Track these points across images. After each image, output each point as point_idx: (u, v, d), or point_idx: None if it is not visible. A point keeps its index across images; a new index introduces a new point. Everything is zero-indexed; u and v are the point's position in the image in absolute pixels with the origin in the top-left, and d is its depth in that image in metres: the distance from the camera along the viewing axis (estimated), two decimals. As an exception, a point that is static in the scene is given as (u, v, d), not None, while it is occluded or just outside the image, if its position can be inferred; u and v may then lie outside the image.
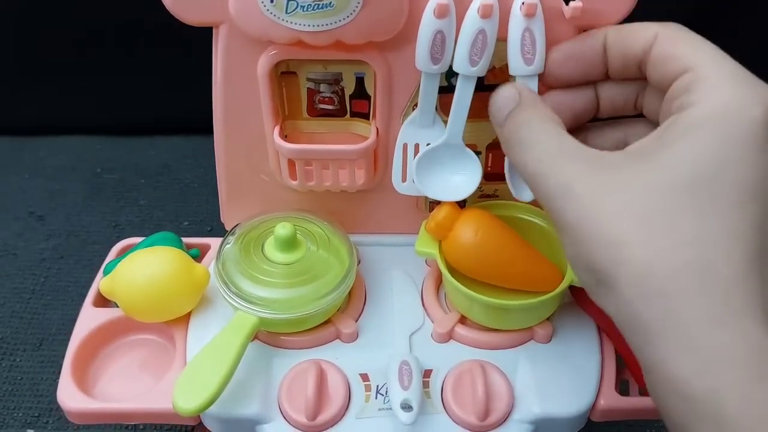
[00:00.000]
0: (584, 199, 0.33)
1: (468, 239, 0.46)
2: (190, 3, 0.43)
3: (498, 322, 0.47)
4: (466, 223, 0.46)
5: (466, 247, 0.46)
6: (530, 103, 0.39)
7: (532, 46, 0.42)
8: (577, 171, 0.34)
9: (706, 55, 0.34)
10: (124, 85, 0.85)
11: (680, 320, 0.29)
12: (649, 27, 0.38)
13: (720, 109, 0.32)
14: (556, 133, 0.36)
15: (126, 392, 0.46)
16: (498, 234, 0.46)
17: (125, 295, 0.45)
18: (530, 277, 0.46)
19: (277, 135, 0.48)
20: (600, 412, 0.45)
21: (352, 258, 0.48)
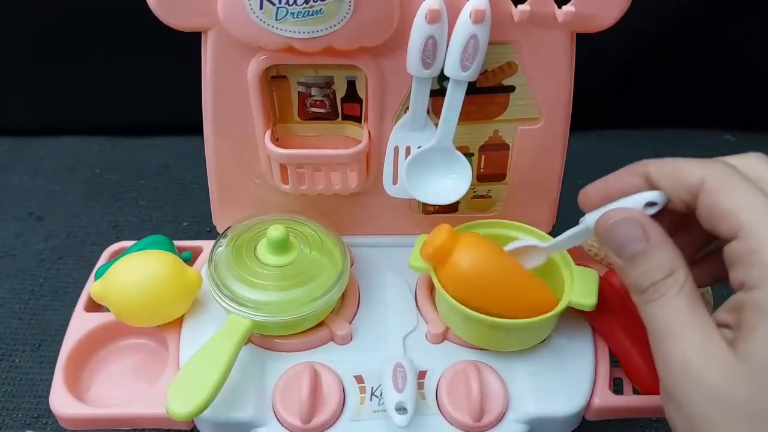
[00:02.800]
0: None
1: (466, 268, 0.45)
2: (178, 8, 0.43)
3: (491, 342, 0.47)
4: (464, 252, 0.45)
5: (464, 277, 0.45)
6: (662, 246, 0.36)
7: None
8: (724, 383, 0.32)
9: (757, 213, 0.33)
10: (123, 86, 0.85)
11: None
12: (694, 168, 0.36)
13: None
14: (702, 327, 0.34)
15: (119, 397, 0.46)
16: (496, 263, 0.45)
17: (117, 300, 0.45)
18: (526, 305, 0.45)
19: (268, 139, 0.48)
20: (594, 411, 0.45)
21: (345, 260, 0.48)
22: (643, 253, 0.36)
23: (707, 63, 0.85)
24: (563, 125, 0.49)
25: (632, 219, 0.37)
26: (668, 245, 0.36)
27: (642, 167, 0.39)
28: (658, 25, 0.81)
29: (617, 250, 0.37)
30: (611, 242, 0.37)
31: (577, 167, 0.82)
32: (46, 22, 0.81)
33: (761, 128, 0.91)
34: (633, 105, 0.89)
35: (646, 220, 0.37)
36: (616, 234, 0.37)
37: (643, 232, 0.36)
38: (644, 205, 0.37)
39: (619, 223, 0.37)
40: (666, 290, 0.35)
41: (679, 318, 0.34)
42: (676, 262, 0.35)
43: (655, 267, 0.35)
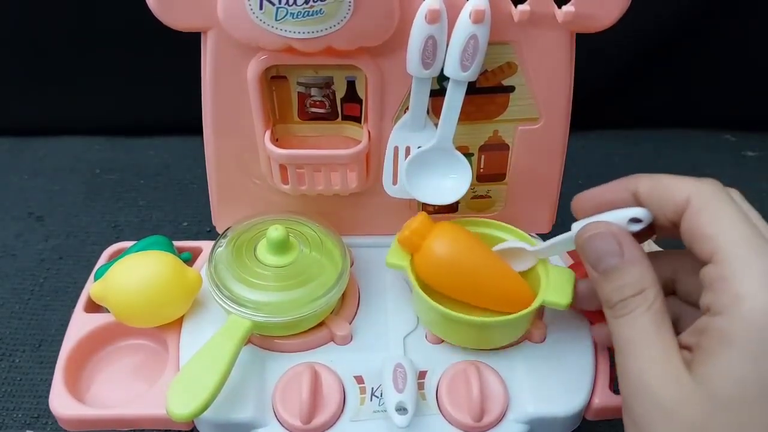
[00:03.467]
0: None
1: (440, 252, 0.45)
2: (177, 9, 0.43)
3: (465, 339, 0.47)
4: (440, 236, 0.46)
5: (438, 260, 0.45)
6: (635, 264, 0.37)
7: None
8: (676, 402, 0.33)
9: (734, 240, 0.33)
10: (123, 86, 0.85)
11: None
12: (682, 187, 0.37)
13: (751, 322, 0.32)
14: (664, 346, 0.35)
15: (119, 398, 0.46)
16: (471, 249, 0.46)
17: (116, 301, 0.45)
18: (502, 296, 0.46)
19: (268, 139, 0.48)
20: (594, 410, 0.46)
21: (345, 260, 0.48)
22: (617, 269, 0.37)
23: (707, 63, 0.85)
24: (563, 125, 0.49)
25: (610, 233, 0.38)
26: (642, 263, 0.37)
27: (633, 183, 0.39)
28: (658, 25, 0.81)
29: (593, 262, 0.38)
30: (588, 254, 0.38)
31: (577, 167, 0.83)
32: (46, 22, 0.81)
33: (761, 128, 0.91)
34: (633, 105, 0.89)
35: (624, 237, 0.37)
36: (593, 247, 0.38)
37: (619, 248, 0.37)
38: (628, 220, 0.38)
39: (596, 236, 0.38)
40: (634, 307, 0.36)
41: (643, 335, 0.35)
42: (647, 280, 0.36)
43: (626, 283, 0.36)
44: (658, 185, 0.38)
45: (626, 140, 0.90)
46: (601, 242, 0.38)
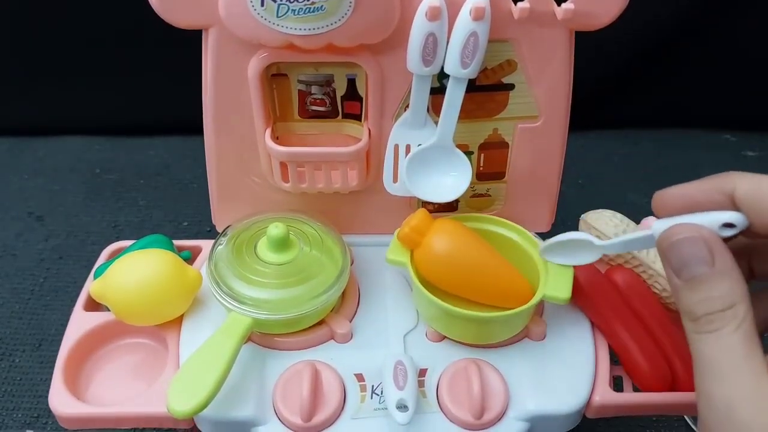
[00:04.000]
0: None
1: (440, 248, 0.45)
2: (179, 6, 0.43)
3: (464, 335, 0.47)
4: (439, 233, 0.46)
5: (438, 256, 0.45)
6: (727, 275, 0.33)
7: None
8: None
9: None
10: (123, 85, 0.85)
11: None
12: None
13: None
14: (755, 371, 0.31)
15: (119, 396, 0.45)
16: (471, 245, 0.46)
17: (116, 299, 0.45)
18: (502, 291, 0.45)
19: (268, 137, 0.48)
20: (595, 408, 0.45)
21: (345, 258, 0.48)
22: (705, 279, 0.33)
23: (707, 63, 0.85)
24: (562, 123, 0.49)
25: (701, 239, 0.34)
26: (734, 275, 0.33)
27: (729, 182, 0.35)
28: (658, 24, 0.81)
29: (677, 268, 0.34)
30: (673, 259, 0.34)
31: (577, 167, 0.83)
32: (46, 23, 0.81)
33: (761, 128, 0.91)
34: (633, 105, 0.90)
35: (717, 243, 0.33)
36: (680, 251, 0.34)
37: (710, 256, 0.33)
38: (721, 225, 0.34)
39: (686, 240, 0.34)
40: (723, 324, 0.32)
41: (732, 358, 0.32)
42: (738, 294, 0.32)
43: (715, 296, 0.33)
44: (760, 189, 0.34)
45: (626, 140, 0.90)
46: (690, 247, 0.34)
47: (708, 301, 0.33)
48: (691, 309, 0.33)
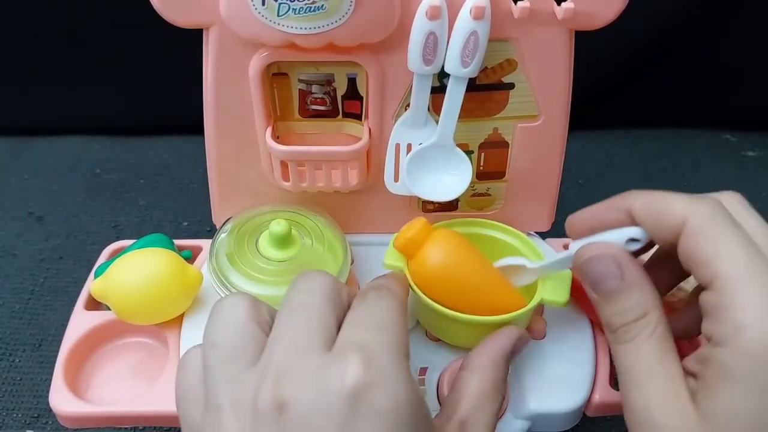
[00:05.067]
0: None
1: (435, 262, 0.44)
2: (180, 5, 0.43)
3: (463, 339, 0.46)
4: (435, 245, 0.44)
5: (431, 269, 0.44)
6: (636, 286, 0.36)
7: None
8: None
9: (734, 266, 0.32)
10: (123, 85, 0.85)
11: None
12: (679, 208, 0.35)
13: (752, 355, 0.30)
14: (668, 376, 0.33)
15: (120, 395, 0.45)
16: (465, 260, 0.45)
17: (117, 298, 0.45)
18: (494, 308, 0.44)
19: (269, 136, 0.48)
20: (595, 407, 0.45)
21: (346, 253, 0.48)
22: (617, 292, 0.36)
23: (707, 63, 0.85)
24: (562, 123, 0.49)
25: (608, 255, 0.37)
26: (643, 285, 0.35)
27: (627, 202, 0.37)
28: (658, 24, 0.81)
29: (592, 285, 0.37)
30: (587, 277, 0.37)
31: (577, 166, 0.83)
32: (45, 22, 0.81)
33: (761, 128, 0.91)
34: (633, 105, 0.90)
35: (624, 258, 0.36)
36: (592, 269, 0.37)
37: (619, 270, 0.36)
38: (626, 240, 0.37)
39: (595, 258, 0.37)
40: (637, 333, 0.35)
41: (647, 364, 0.34)
42: (649, 303, 0.35)
43: (627, 307, 0.35)
44: (652, 205, 0.36)
45: (626, 140, 0.90)
46: (599, 264, 0.37)
47: (622, 313, 0.35)
48: (609, 321, 0.36)
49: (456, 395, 0.38)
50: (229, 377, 0.32)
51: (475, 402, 0.38)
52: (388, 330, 0.34)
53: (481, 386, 0.39)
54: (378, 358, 0.32)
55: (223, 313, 0.35)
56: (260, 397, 0.30)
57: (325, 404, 0.30)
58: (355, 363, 0.31)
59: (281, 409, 0.30)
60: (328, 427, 0.29)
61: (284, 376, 0.31)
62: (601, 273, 0.36)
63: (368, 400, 0.30)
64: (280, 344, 0.33)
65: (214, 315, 0.35)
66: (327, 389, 0.30)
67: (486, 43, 0.43)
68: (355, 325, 0.34)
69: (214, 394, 0.32)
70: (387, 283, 0.39)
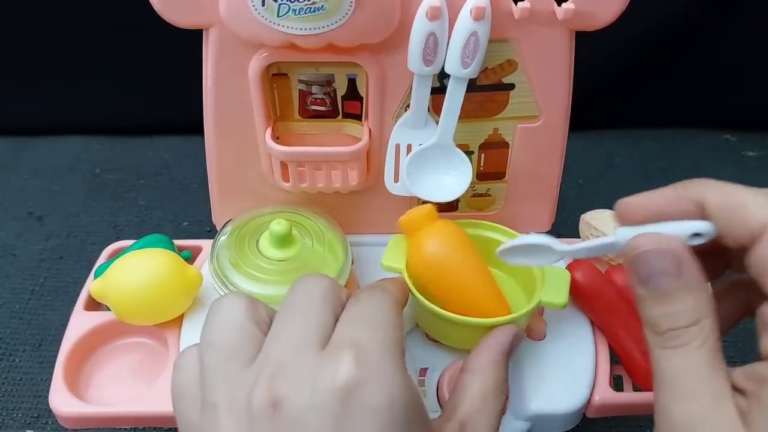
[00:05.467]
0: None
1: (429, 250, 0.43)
2: (180, 6, 0.43)
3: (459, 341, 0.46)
4: (436, 233, 0.44)
5: (425, 255, 0.44)
6: (694, 290, 0.32)
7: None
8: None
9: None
10: (123, 85, 0.85)
11: None
12: (760, 208, 0.31)
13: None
14: (717, 392, 0.30)
15: (119, 396, 0.45)
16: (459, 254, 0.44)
17: (117, 298, 0.45)
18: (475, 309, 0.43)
19: (269, 137, 0.48)
20: (595, 407, 0.45)
21: (346, 254, 0.48)
22: (672, 292, 0.32)
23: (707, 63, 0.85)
24: (563, 123, 0.49)
25: (669, 250, 0.33)
26: (701, 289, 0.32)
27: (697, 192, 0.34)
28: (658, 24, 0.81)
29: (643, 279, 0.33)
30: (639, 269, 0.33)
31: (577, 167, 0.83)
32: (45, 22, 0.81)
33: (761, 128, 0.91)
34: (633, 105, 0.90)
35: (686, 256, 0.32)
36: (647, 262, 0.33)
37: (678, 269, 0.32)
38: (689, 235, 0.33)
39: (654, 251, 0.33)
40: (687, 341, 0.31)
41: (695, 376, 0.31)
42: (705, 310, 0.32)
43: (680, 311, 0.32)
44: (732, 201, 0.32)
45: (626, 140, 0.90)
46: (656, 259, 0.33)
47: (673, 315, 0.32)
48: (656, 322, 0.32)
49: (457, 397, 0.38)
50: (226, 376, 0.32)
51: (478, 403, 0.38)
52: (382, 327, 0.34)
53: (483, 387, 0.38)
54: (371, 354, 0.31)
55: (221, 312, 0.35)
56: (255, 396, 0.30)
57: (318, 402, 0.30)
58: (347, 360, 0.31)
59: (276, 406, 0.30)
60: (322, 424, 0.29)
61: (279, 375, 0.31)
62: (657, 269, 0.33)
63: (360, 397, 0.30)
64: (277, 343, 0.33)
65: (211, 314, 0.35)
66: (319, 387, 0.30)
67: (486, 44, 0.43)
68: (349, 323, 0.34)
69: (210, 394, 0.32)
70: (382, 283, 0.39)
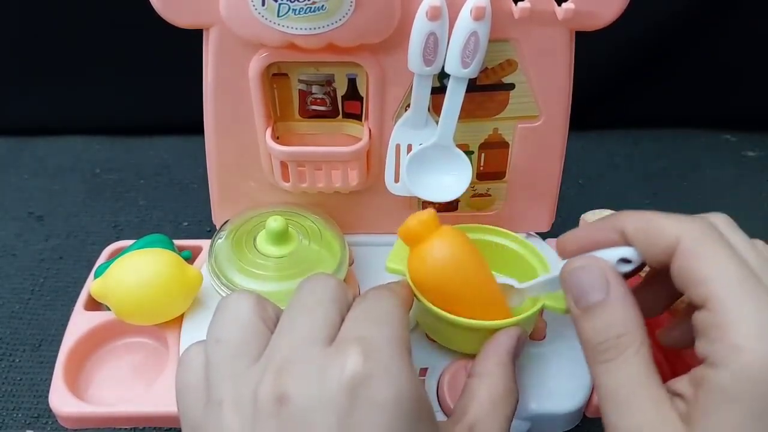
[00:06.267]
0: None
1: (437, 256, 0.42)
2: (180, 6, 0.43)
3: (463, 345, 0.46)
4: (443, 239, 0.42)
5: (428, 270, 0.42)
6: (621, 303, 0.34)
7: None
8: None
9: (728, 286, 0.31)
10: (123, 85, 0.85)
11: None
12: (671, 227, 0.34)
13: (750, 377, 0.29)
14: (657, 398, 0.32)
15: (119, 396, 0.45)
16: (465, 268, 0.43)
17: (117, 298, 0.45)
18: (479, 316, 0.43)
19: (269, 137, 0.48)
20: (595, 407, 0.45)
21: (344, 251, 0.48)
22: (601, 306, 0.34)
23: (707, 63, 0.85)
24: (563, 123, 0.49)
25: (597, 268, 0.35)
26: (629, 304, 0.34)
27: (620, 222, 0.36)
28: (658, 24, 0.81)
29: (576, 297, 0.35)
30: (571, 288, 0.36)
31: (577, 167, 0.83)
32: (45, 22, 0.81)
33: (761, 128, 0.91)
34: (633, 105, 0.90)
35: (612, 274, 0.35)
36: (577, 280, 0.36)
37: (606, 284, 0.34)
38: (618, 260, 0.36)
39: (582, 269, 0.36)
40: (618, 353, 0.33)
41: (631, 387, 0.32)
42: (633, 322, 0.33)
43: (610, 323, 0.34)
44: (646, 225, 0.35)
45: (626, 140, 0.90)
46: (586, 276, 0.35)
47: (605, 328, 0.33)
48: (590, 337, 0.34)
49: (465, 401, 0.38)
50: (233, 373, 0.32)
51: (486, 406, 0.38)
52: (389, 324, 0.34)
53: (492, 391, 0.38)
54: (378, 350, 0.31)
55: (229, 309, 0.35)
56: (261, 391, 0.30)
57: (325, 396, 0.30)
58: (354, 355, 0.30)
59: (281, 402, 0.30)
60: (328, 419, 0.29)
61: (286, 370, 0.31)
62: (587, 284, 0.35)
63: (367, 391, 0.30)
64: (283, 340, 0.33)
65: (219, 311, 0.35)
66: (326, 382, 0.30)
67: (486, 44, 0.43)
68: (356, 320, 0.34)
69: (216, 390, 0.32)
70: (388, 285, 0.39)
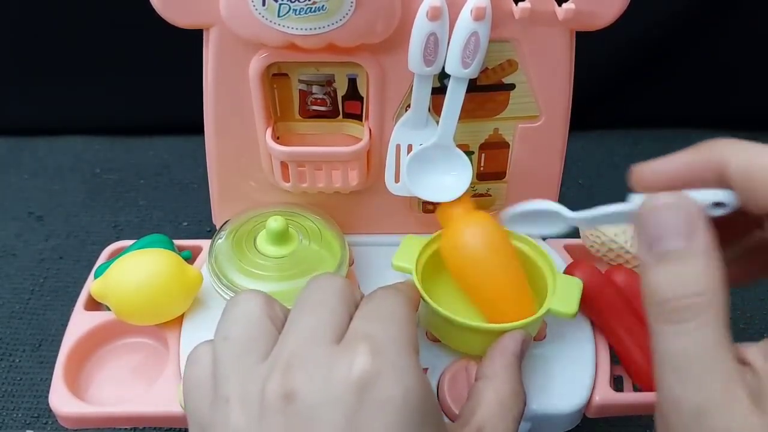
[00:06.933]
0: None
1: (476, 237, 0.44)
2: (181, 6, 0.43)
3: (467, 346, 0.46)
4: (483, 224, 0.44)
5: (470, 244, 0.44)
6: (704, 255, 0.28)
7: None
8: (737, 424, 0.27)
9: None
10: (123, 85, 0.85)
11: None
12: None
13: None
14: (728, 376, 0.27)
15: (119, 396, 0.46)
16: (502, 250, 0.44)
17: (117, 298, 0.45)
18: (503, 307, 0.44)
19: (269, 137, 0.48)
20: (595, 408, 0.45)
21: (344, 251, 0.48)
22: (679, 255, 0.28)
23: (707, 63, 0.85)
24: (563, 123, 0.49)
25: (684, 211, 0.29)
26: (712, 258, 0.28)
27: (719, 156, 0.30)
28: (658, 24, 0.81)
29: (652, 239, 0.29)
30: (647, 228, 0.30)
31: (577, 167, 0.83)
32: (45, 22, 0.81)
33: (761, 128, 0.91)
34: (633, 105, 0.90)
35: (700, 220, 0.29)
36: (656, 220, 0.29)
37: (690, 229, 0.29)
38: (710, 204, 0.30)
39: (667, 207, 0.29)
40: (695, 314, 0.28)
41: (704, 356, 0.27)
42: (715, 281, 0.28)
43: (687, 277, 0.28)
44: (755, 165, 0.29)
45: (626, 140, 0.90)
46: (667, 217, 0.29)
47: (680, 284, 0.28)
48: (658, 290, 0.29)
49: (473, 404, 0.38)
50: (240, 370, 0.32)
51: (494, 408, 0.37)
52: (396, 323, 0.34)
53: (500, 393, 0.38)
54: (385, 348, 0.31)
55: (237, 308, 0.35)
56: (268, 388, 0.30)
57: (332, 393, 0.29)
58: (362, 352, 0.30)
59: (289, 399, 0.30)
60: (335, 416, 0.29)
61: (293, 367, 0.31)
62: (670, 226, 0.29)
63: (375, 389, 0.30)
64: (291, 338, 0.33)
65: (228, 310, 0.35)
66: (334, 379, 0.30)
67: (486, 44, 0.43)
68: (363, 319, 0.34)
69: (223, 387, 0.32)
70: (395, 285, 0.39)
